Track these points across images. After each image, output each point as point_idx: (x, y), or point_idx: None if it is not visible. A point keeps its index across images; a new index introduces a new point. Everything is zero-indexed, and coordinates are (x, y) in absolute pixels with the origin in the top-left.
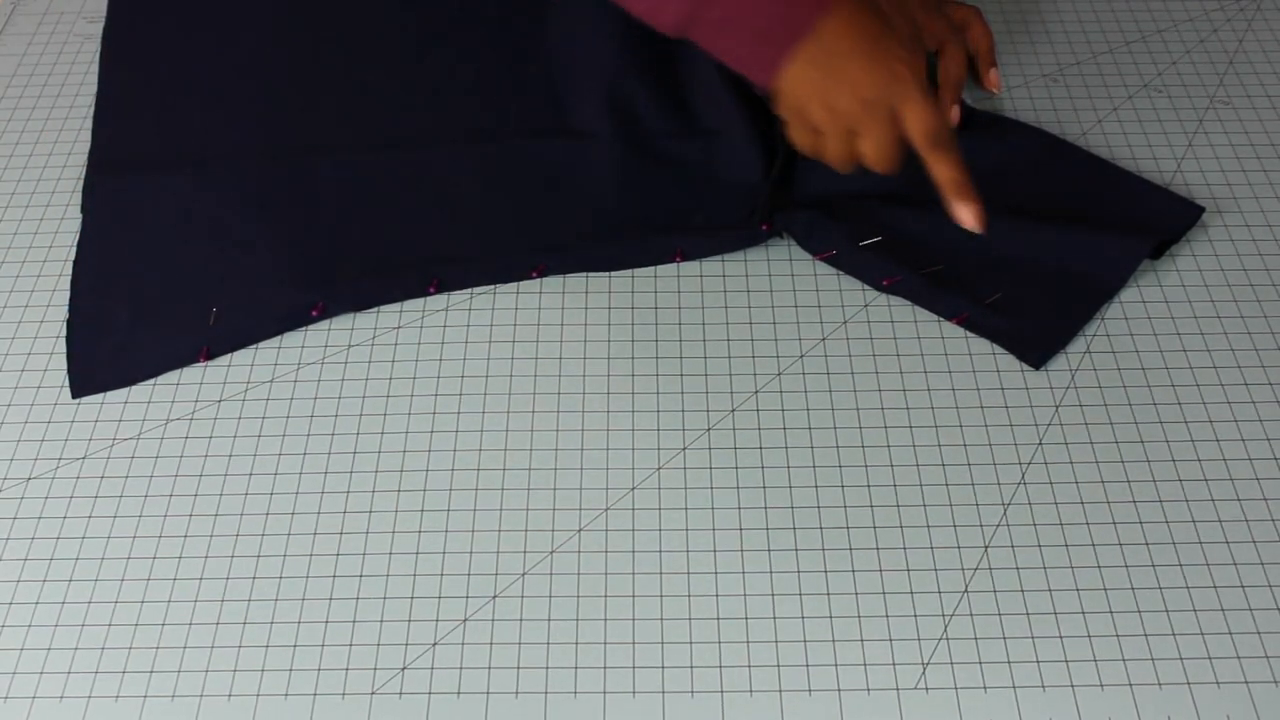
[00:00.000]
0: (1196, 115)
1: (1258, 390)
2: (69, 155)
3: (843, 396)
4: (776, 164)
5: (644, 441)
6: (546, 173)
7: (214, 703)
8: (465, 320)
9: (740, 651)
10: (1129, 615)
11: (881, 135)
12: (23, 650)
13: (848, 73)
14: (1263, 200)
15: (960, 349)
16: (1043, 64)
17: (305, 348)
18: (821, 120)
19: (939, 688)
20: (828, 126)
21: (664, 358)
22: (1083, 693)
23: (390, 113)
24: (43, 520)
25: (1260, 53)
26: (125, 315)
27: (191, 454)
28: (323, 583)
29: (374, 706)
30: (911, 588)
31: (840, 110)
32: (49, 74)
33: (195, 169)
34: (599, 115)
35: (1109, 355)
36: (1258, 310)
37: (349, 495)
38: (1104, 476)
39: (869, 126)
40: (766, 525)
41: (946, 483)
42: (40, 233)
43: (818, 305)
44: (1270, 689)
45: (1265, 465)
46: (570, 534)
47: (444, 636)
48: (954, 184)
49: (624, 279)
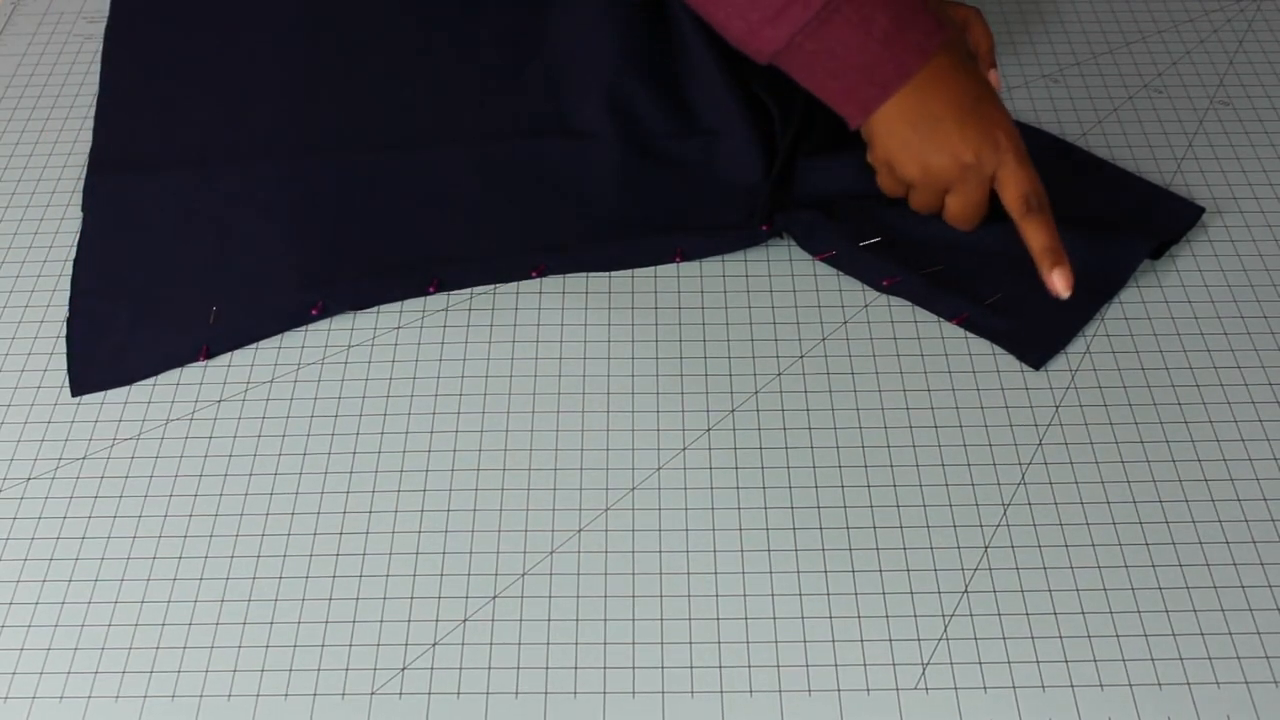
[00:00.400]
0: (1196, 115)
1: (1258, 390)
2: (69, 155)
3: (843, 396)
4: (776, 164)
5: (644, 441)
6: (546, 173)
7: (214, 703)
8: (465, 320)
9: (740, 651)
10: (1129, 615)
11: (973, 196)
12: (23, 650)
13: (947, 136)
14: (1263, 200)
15: (960, 349)
16: (1043, 64)
17: (305, 348)
18: (914, 178)
19: (939, 688)
20: (920, 184)
21: (664, 358)
22: (1083, 693)
23: (390, 113)
24: (43, 520)
25: (1260, 53)
26: (125, 314)
27: (191, 454)
28: (323, 583)
29: (374, 706)
30: (911, 588)
31: (935, 171)
32: (49, 74)
33: (196, 168)
34: (599, 115)
35: (1109, 355)
36: (1258, 310)
37: (349, 495)
38: (1104, 476)
39: (961, 188)
40: (766, 525)
41: (946, 483)
42: (40, 233)
43: (818, 305)
44: (1270, 689)
45: (1265, 465)
46: (570, 534)
47: (444, 636)
48: (1047, 250)
49: (624, 279)
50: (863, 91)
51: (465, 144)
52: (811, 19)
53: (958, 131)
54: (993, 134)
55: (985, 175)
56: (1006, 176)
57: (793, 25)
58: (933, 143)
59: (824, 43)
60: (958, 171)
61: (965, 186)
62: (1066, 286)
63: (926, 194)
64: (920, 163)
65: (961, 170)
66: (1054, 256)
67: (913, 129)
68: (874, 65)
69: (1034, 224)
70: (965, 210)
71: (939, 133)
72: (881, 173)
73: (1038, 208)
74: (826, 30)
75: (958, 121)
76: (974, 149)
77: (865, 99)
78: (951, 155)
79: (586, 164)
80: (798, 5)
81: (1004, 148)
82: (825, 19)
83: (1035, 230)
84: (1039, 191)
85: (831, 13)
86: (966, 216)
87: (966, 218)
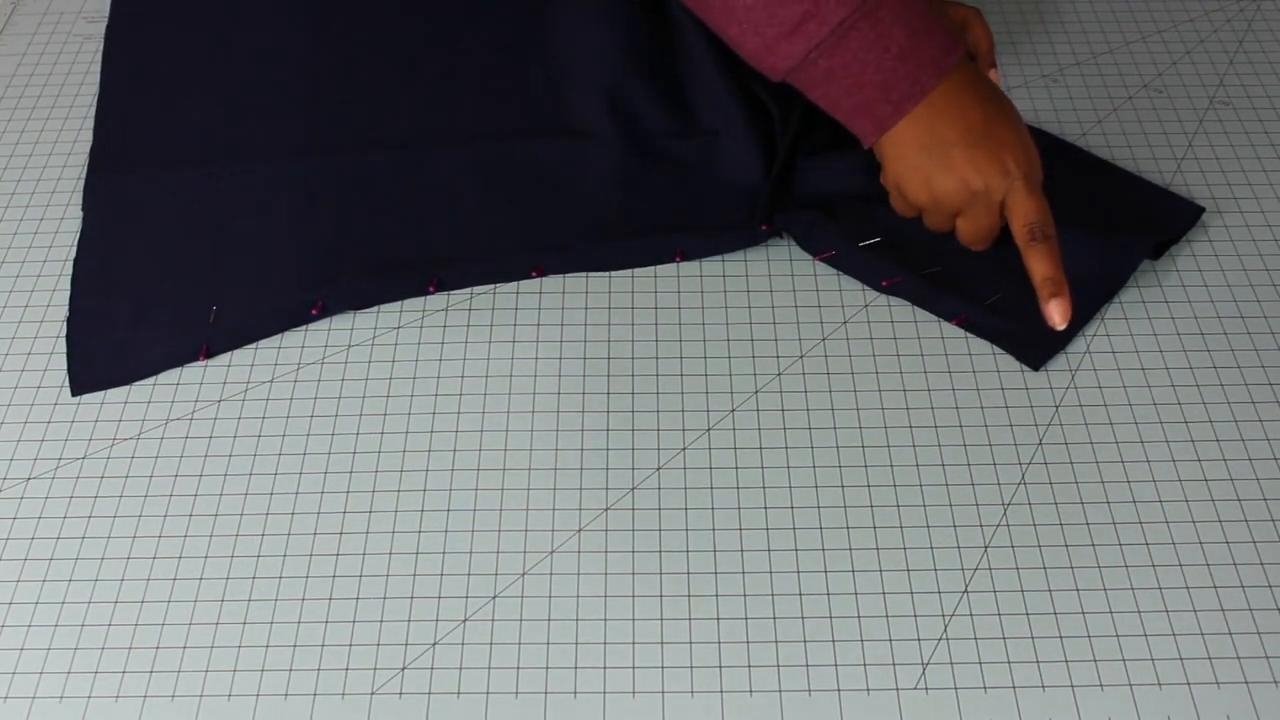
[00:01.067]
0: (1196, 115)
1: (1258, 390)
2: (69, 155)
3: (843, 396)
4: (776, 164)
5: (644, 441)
6: (546, 173)
7: (214, 703)
8: (465, 320)
9: (740, 651)
10: (1129, 615)
11: (983, 221)
12: (23, 650)
13: (956, 162)
14: (1263, 200)
15: (960, 349)
16: (1043, 64)
17: (305, 348)
18: (924, 203)
19: (939, 688)
20: (929, 208)
21: (664, 358)
22: (1083, 693)
23: (391, 113)
24: (43, 520)
25: (1260, 53)
26: (125, 314)
27: (191, 454)
28: (323, 583)
29: (374, 706)
30: (911, 588)
31: (943, 197)
32: (49, 74)
33: (195, 168)
34: (599, 115)
35: (1109, 355)
36: (1258, 310)
37: (349, 495)
38: (1104, 476)
39: (971, 214)
40: (766, 525)
41: (946, 483)
42: (40, 233)
43: (818, 305)
44: (1270, 689)
45: (1265, 465)
46: (570, 534)
47: (444, 636)
48: (1048, 280)
49: (624, 279)
50: (878, 108)
51: (465, 144)
52: (828, 35)
53: (967, 157)
54: (1002, 160)
55: (994, 202)
56: (1015, 204)
57: (808, 41)
58: (942, 168)
59: (839, 59)
60: (966, 197)
61: (974, 212)
62: (1063, 319)
63: (937, 217)
64: (929, 188)
65: (970, 196)
66: (1054, 287)
67: (923, 153)
68: (890, 82)
69: (1038, 253)
70: (976, 234)
71: (948, 158)
72: (893, 195)
73: (1042, 237)
74: (842, 47)
75: (967, 147)
76: (983, 176)
77: (880, 116)
78: (960, 181)
79: (586, 164)
80: (814, 21)
81: (1013, 175)
82: (842, 35)
83: (1038, 259)
84: (1046, 221)
85: (848, 29)
86: (977, 239)
87: (977, 240)
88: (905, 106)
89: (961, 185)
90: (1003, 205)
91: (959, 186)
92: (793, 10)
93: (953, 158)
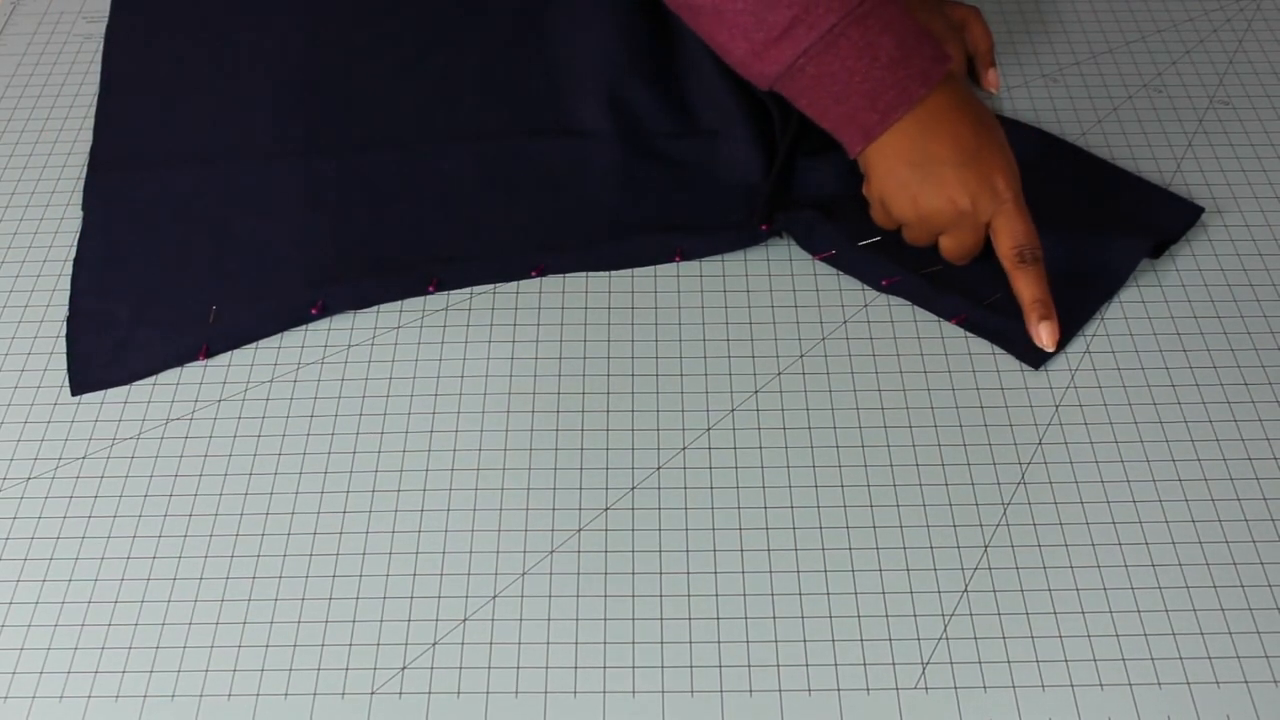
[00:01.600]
0: (1196, 115)
1: (1258, 390)
2: (69, 155)
3: (843, 396)
4: (776, 164)
5: (644, 441)
6: (546, 173)
7: (214, 703)
8: (465, 320)
9: (740, 651)
10: (1129, 615)
11: (967, 240)
12: (23, 650)
13: (945, 181)
14: (1263, 200)
15: (960, 349)
16: (1043, 64)
17: (305, 348)
18: (908, 219)
19: (939, 688)
20: (914, 224)
21: (664, 358)
22: (1083, 693)
23: (390, 113)
24: (43, 520)
25: (1260, 53)
26: (125, 313)
27: (191, 454)
28: (323, 583)
29: (374, 706)
30: (911, 588)
31: (929, 214)
32: (49, 74)
33: (195, 168)
34: (599, 115)
35: (1109, 355)
36: (1258, 310)
37: (349, 495)
38: (1104, 476)
39: (956, 233)
40: (766, 525)
41: (946, 483)
42: (40, 232)
43: (818, 305)
44: (1270, 689)
45: (1265, 465)
46: (570, 534)
47: (444, 636)
48: (1036, 303)
49: (624, 279)
50: (864, 117)
51: (465, 144)
52: (817, 41)
53: (956, 176)
54: (992, 180)
55: (980, 222)
56: (1001, 226)
57: (797, 46)
58: (930, 185)
59: (828, 66)
60: (953, 216)
61: (959, 231)
62: (1052, 341)
63: (919, 232)
64: (915, 205)
65: (957, 215)
66: (1043, 309)
67: (912, 170)
68: (877, 91)
69: (1025, 276)
70: (958, 251)
71: (937, 176)
72: (875, 207)
73: (1031, 259)
74: (831, 53)
75: (958, 166)
76: (971, 196)
77: (867, 125)
78: (948, 200)
79: (586, 164)
80: (803, 26)
81: (1002, 196)
82: (831, 42)
83: (1027, 282)
84: (1033, 243)
85: (837, 36)
86: (959, 256)
87: (960, 257)
88: (892, 116)
89: (950, 204)
90: (987, 225)
91: (947, 205)
92: (782, 15)
93: (943, 176)
